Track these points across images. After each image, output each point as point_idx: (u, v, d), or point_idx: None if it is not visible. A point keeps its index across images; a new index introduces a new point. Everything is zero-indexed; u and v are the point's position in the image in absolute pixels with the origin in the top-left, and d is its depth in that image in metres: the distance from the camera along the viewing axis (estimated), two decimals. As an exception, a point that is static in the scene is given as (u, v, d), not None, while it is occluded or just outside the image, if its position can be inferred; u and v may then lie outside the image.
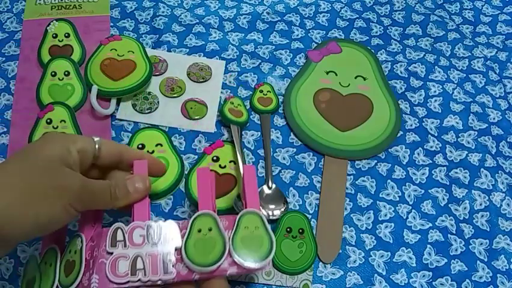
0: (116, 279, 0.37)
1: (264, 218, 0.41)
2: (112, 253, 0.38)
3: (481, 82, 0.64)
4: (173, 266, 0.38)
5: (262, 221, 0.41)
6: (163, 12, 0.66)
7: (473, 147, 0.58)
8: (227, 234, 0.40)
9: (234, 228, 0.40)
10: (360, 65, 0.63)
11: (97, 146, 0.41)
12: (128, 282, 0.37)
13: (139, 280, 0.37)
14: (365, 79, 0.62)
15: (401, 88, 0.62)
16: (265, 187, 0.52)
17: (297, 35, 0.66)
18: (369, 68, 0.63)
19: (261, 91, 0.59)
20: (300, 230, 0.49)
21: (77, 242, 0.39)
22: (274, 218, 0.50)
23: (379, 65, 0.63)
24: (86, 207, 0.39)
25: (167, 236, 0.39)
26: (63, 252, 0.40)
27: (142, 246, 0.38)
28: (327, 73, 0.62)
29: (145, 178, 0.42)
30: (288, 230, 0.49)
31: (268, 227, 0.40)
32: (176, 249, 0.39)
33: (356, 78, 0.62)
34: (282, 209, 0.50)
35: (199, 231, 0.40)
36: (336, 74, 0.62)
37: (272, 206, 0.51)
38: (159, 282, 0.38)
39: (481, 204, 0.54)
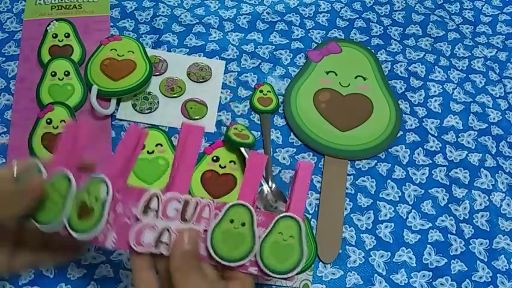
0: (138, 248, 0.36)
1: (303, 228, 0.38)
2: (140, 220, 0.36)
3: (481, 82, 0.64)
4: None
5: (300, 231, 0.38)
6: (163, 12, 0.66)
7: (473, 147, 0.58)
8: (259, 233, 0.37)
9: (268, 231, 0.37)
10: (360, 65, 0.63)
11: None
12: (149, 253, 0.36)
13: (160, 253, 0.36)
14: (365, 79, 0.62)
15: (401, 88, 0.62)
16: (265, 187, 0.52)
17: (297, 35, 0.66)
18: (369, 68, 0.63)
19: (261, 91, 0.59)
20: None
21: (101, 189, 0.36)
22: None
23: (379, 65, 0.63)
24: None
25: (201, 216, 0.37)
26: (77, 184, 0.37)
27: (174, 220, 0.37)
28: (327, 73, 0.62)
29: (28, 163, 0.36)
30: None
31: (304, 238, 0.37)
32: (205, 231, 0.37)
33: (356, 78, 0.62)
34: (283, 209, 0.50)
35: (232, 221, 0.37)
36: (336, 74, 0.62)
37: (272, 206, 0.51)
38: None
39: (481, 204, 0.54)
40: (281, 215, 0.38)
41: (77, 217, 0.35)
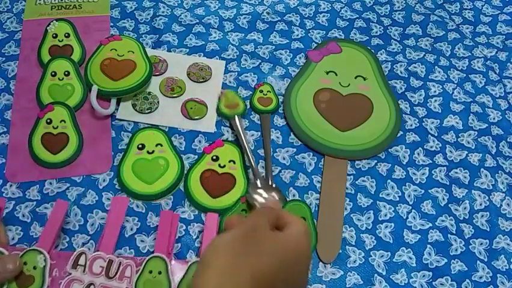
0: None
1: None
2: (70, 274, 0.43)
3: (481, 82, 0.64)
4: None
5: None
6: (163, 12, 0.66)
7: (473, 147, 0.58)
8: (175, 279, 0.44)
9: (183, 275, 0.45)
10: (360, 65, 0.63)
11: None
12: None
13: None
14: (365, 79, 0.62)
15: (401, 88, 0.62)
16: (258, 182, 0.52)
17: (297, 35, 0.66)
18: (369, 68, 0.63)
19: (261, 91, 0.59)
20: (303, 219, 0.49)
21: (38, 259, 0.43)
22: None
23: (379, 65, 0.63)
24: None
25: (124, 274, 0.44)
26: None
27: (99, 276, 0.44)
28: (327, 73, 0.62)
29: (15, 258, 0.43)
30: None
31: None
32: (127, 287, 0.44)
33: (356, 78, 0.62)
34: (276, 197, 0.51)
35: (150, 272, 0.44)
36: (336, 74, 0.62)
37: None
38: None
39: (481, 204, 0.54)
40: (191, 261, 0.45)
41: (18, 285, 0.42)
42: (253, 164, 0.52)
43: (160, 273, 0.44)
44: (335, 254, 0.49)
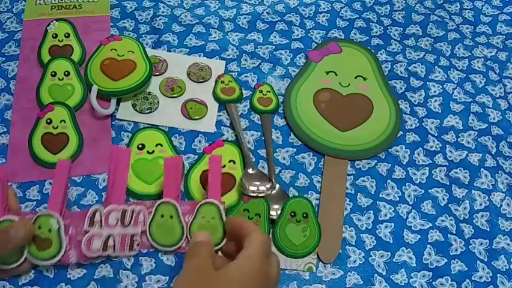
0: (89, 254, 0.45)
1: (222, 209, 0.46)
2: (88, 231, 0.45)
3: (481, 82, 0.64)
4: (137, 244, 0.47)
5: (219, 212, 0.46)
6: (163, 12, 0.66)
7: (473, 147, 0.58)
8: (187, 219, 0.47)
9: (193, 216, 0.47)
10: (360, 65, 0.63)
11: None
12: (99, 256, 0.46)
13: (108, 255, 0.46)
14: (365, 79, 0.62)
15: (401, 88, 0.62)
16: (250, 170, 0.52)
17: (297, 35, 0.66)
18: (369, 68, 0.63)
19: (261, 91, 0.59)
20: (304, 215, 0.50)
21: (51, 222, 0.45)
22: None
23: (379, 65, 0.63)
24: None
25: (138, 219, 0.47)
26: None
27: (115, 227, 0.46)
28: (327, 73, 0.62)
29: (26, 223, 0.44)
30: (292, 214, 0.50)
31: (224, 217, 0.46)
32: (142, 231, 0.47)
33: (356, 78, 0.62)
34: (264, 189, 0.51)
35: (162, 216, 0.47)
36: (336, 74, 0.62)
37: (276, 206, 0.51)
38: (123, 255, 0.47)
39: (481, 204, 0.54)
40: (201, 202, 0.47)
41: (37, 249, 0.44)
42: (245, 150, 0.53)
43: (171, 217, 0.47)
44: (335, 254, 0.49)
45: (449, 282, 0.49)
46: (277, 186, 0.52)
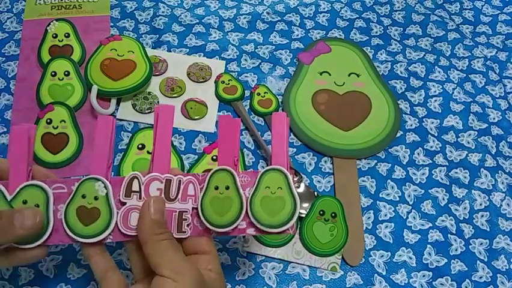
0: (126, 231, 0.36)
1: (290, 178, 0.37)
2: (125, 203, 0.36)
3: (481, 82, 0.64)
4: (188, 225, 0.37)
5: (287, 181, 0.37)
6: (163, 12, 0.66)
7: (473, 147, 0.58)
8: (246, 193, 0.37)
9: (254, 188, 0.37)
10: (351, 61, 0.63)
11: None
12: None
13: None
14: (358, 76, 0.62)
15: (401, 88, 0.62)
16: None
17: (297, 35, 0.66)
18: (361, 63, 0.63)
19: (258, 94, 0.59)
20: (333, 214, 0.50)
21: (96, 187, 0.36)
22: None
23: (369, 59, 0.63)
24: None
25: (187, 192, 0.37)
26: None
27: None
28: (321, 74, 0.62)
29: (36, 213, 0.36)
30: (321, 213, 0.50)
31: (293, 188, 0.37)
32: (193, 208, 0.37)
33: (349, 76, 0.62)
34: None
35: (216, 188, 0.37)
36: (330, 74, 0.62)
37: (304, 205, 0.51)
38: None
39: (481, 204, 0.54)
40: (264, 170, 0.38)
41: (82, 224, 0.36)
42: (263, 144, 0.53)
43: (227, 188, 0.37)
44: (359, 258, 0.49)
45: (449, 282, 0.49)
46: (302, 185, 0.52)
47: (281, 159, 0.38)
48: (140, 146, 0.54)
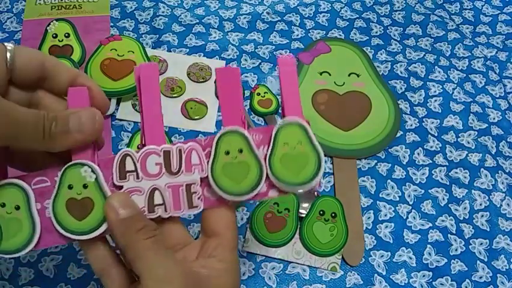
0: None
1: (309, 130, 0.33)
2: (121, 187, 0.32)
3: (481, 82, 0.64)
4: (199, 198, 0.32)
5: (307, 134, 0.33)
6: (163, 12, 0.66)
7: (473, 147, 0.58)
8: (262, 153, 0.33)
9: (271, 146, 0.33)
10: (351, 61, 0.63)
11: (8, 55, 0.30)
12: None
13: (159, 217, 0.32)
14: (358, 76, 0.62)
15: (401, 88, 0.62)
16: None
17: (297, 35, 0.66)
18: (360, 63, 0.63)
19: (258, 94, 0.59)
20: (333, 214, 0.50)
21: (82, 174, 0.31)
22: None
23: (369, 59, 0.63)
24: (6, 142, 0.28)
25: (190, 161, 0.32)
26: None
27: (160, 176, 0.32)
28: (321, 74, 0.62)
29: (94, 114, 0.31)
30: (321, 213, 0.50)
31: (315, 140, 0.33)
32: (203, 179, 0.32)
33: (349, 75, 0.62)
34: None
35: (227, 153, 0.32)
36: (330, 74, 0.62)
37: (305, 205, 0.51)
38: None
39: (481, 204, 0.54)
40: (278, 125, 0.33)
41: (75, 219, 0.31)
42: None
43: (240, 151, 0.33)
44: (359, 258, 0.49)
45: (449, 282, 0.49)
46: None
47: (296, 111, 0.34)
48: (140, 146, 0.54)
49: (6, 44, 0.30)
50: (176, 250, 0.33)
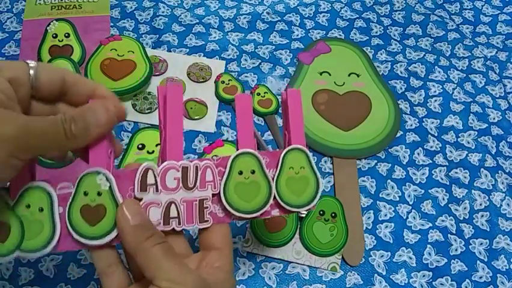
0: None
1: (310, 156, 0.37)
2: (141, 199, 0.33)
3: (481, 82, 0.64)
4: (209, 213, 0.34)
5: (308, 160, 0.37)
6: (163, 12, 0.66)
7: (473, 147, 0.58)
8: (270, 175, 0.36)
9: (279, 169, 0.36)
10: (351, 61, 0.63)
11: (32, 72, 0.31)
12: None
13: (172, 229, 0.33)
14: (358, 76, 0.62)
15: (401, 88, 0.62)
16: None
17: (297, 35, 0.66)
18: (360, 63, 0.63)
19: (258, 94, 0.59)
20: (333, 214, 0.50)
21: (97, 181, 0.32)
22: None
23: (369, 59, 0.63)
24: (34, 153, 0.30)
25: (205, 178, 0.35)
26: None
27: (177, 191, 0.34)
28: (321, 74, 0.62)
29: (107, 105, 0.33)
30: (321, 213, 0.50)
31: (314, 165, 0.37)
32: (214, 195, 0.35)
33: (349, 76, 0.62)
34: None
35: (240, 173, 0.35)
36: (330, 74, 0.62)
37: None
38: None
39: (481, 204, 0.54)
40: (286, 150, 0.37)
41: (88, 224, 0.32)
42: (263, 144, 0.53)
43: (253, 172, 0.35)
44: (359, 258, 0.49)
45: (449, 282, 0.49)
46: None
47: (300, 138, 0.37)
48: (140, 146, 0.54)
49: (28, 61, 0.31)
50: None
